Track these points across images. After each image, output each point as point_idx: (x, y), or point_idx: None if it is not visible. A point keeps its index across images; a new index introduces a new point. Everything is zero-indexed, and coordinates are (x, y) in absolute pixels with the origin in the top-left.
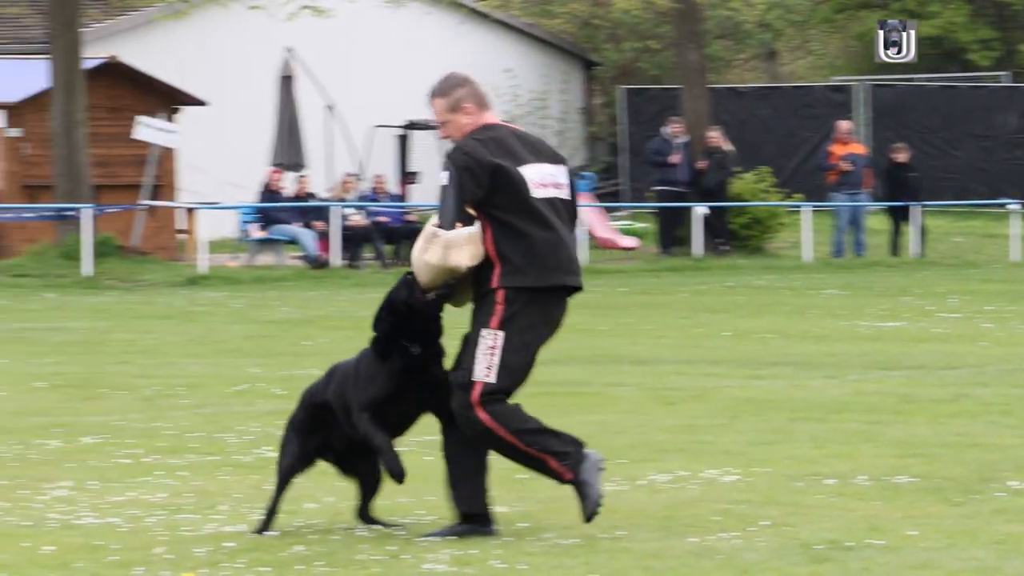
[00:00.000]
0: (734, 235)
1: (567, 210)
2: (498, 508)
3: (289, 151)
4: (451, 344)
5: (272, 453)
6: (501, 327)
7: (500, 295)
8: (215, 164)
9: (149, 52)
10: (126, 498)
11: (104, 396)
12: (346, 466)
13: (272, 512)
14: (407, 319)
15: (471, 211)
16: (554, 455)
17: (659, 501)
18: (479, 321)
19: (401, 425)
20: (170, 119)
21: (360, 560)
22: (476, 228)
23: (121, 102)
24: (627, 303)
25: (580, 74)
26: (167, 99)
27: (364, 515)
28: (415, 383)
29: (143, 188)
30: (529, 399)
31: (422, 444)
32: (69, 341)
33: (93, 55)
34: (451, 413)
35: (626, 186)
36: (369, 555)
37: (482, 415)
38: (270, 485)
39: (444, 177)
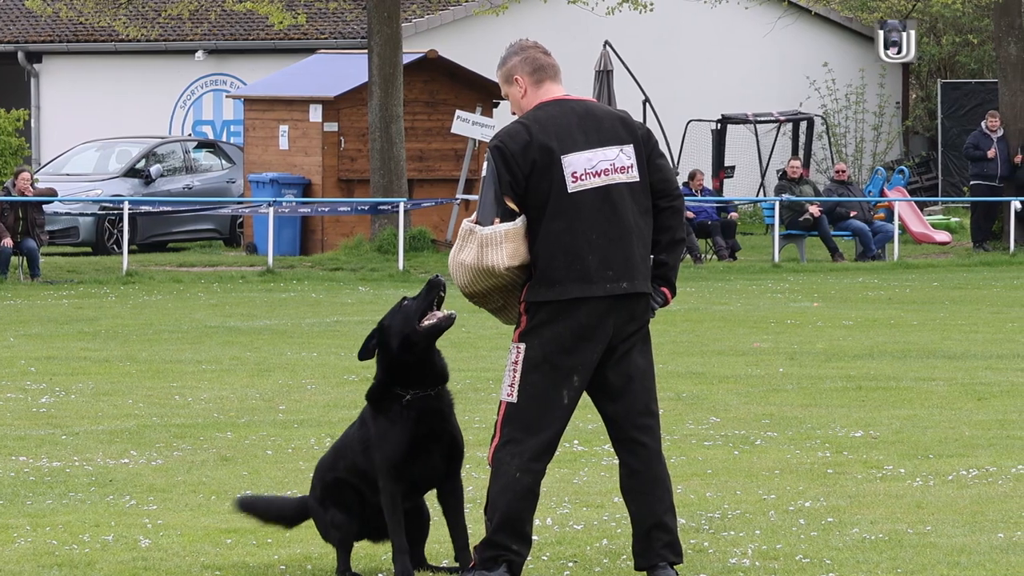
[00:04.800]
0: None
1: (633, 194)
2: (804, 503)
3: None
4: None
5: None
6: (522, 339)
7: (522, 307)
8: None
9: (469, 47)
10: None
11: None
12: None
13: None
14: (402, 355)
15: (513, 205)
16: (487, 542)
17: (967, 496)
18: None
19: (429, 481)
20: (488, 114)
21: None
22: (518, 224)
23: (438, 96)
24: (939, 297)
25: (898, 68)
26: (485, 93)
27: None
28: (432, 433)
29: (459, 182)
30: (840, 394)
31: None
32: None
33: (412, 50)
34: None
35: (941, 180)
36: None
37: (491, 448)
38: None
39: (485, 167)
